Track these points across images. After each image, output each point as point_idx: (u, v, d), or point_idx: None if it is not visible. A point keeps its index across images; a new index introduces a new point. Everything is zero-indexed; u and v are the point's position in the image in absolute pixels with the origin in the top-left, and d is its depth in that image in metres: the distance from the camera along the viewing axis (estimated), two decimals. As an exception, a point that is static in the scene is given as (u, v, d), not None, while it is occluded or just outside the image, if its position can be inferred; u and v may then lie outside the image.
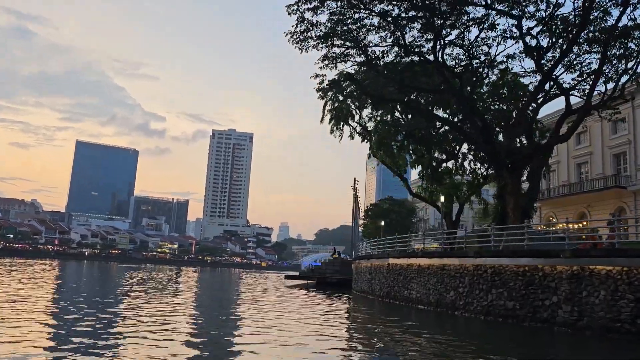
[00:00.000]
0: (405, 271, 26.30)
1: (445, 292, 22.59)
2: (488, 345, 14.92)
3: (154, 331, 14.08)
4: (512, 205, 25.87)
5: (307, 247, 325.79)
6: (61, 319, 16.58)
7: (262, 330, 15.44)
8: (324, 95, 45.77)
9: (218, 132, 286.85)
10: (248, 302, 26.19)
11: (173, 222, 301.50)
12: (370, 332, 16.31)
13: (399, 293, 26.77)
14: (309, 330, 16.01)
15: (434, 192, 43.04)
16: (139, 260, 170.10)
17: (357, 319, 21.10)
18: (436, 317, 21.78)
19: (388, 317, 21.96)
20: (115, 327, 14.87)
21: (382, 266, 29.59)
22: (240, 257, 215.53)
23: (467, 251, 21.70)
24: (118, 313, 18.57)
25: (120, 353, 11.00)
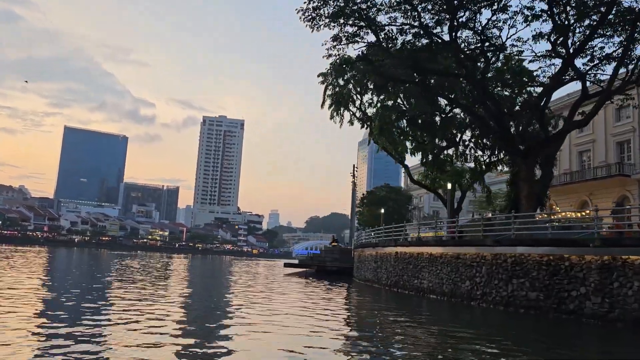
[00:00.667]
0: (416, 260, 25.51)
1: (460, 282, 21.83)
2: (511, 337, 14.17)
3: (147, 320, 13.53)
4: (526, 192, 25.12)
5: (297, 235, 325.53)
6: (50, 307, 15.91)
7: (283, 324, 14.56)
8: (324, 79, 44.84)
9: (209, 119, 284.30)
10: (251, 292, 25.28)
11: (163, 209, 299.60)
12: (384, 324, 15.48)
13: (409, 282, 26.00)
14: (320, 321, 15.20)
15: (436, 179, 42.34)
16: (130, 247, 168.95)
17: (368, 308, 20.27)
18: (450, 308, 21.03)
19: (401, 308, 21.16)
20: (104, 318, 14.00)
21: (389, 254, 28.79)
22: (231, 245, 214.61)
23: (485, 240, 20.89)
24: (107, 302, 17.90)
25: (108, 344, 10.34)
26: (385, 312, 18.68)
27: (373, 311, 19.14)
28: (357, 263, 37.21)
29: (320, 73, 44.85)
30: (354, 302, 23.39)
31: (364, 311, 18.95)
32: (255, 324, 13.97)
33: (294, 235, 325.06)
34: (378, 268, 30.69)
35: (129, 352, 9.56)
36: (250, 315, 15.89)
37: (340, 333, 13.83)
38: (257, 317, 15.43)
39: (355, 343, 12.39)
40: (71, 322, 12.59)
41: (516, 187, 25.72)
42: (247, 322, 14.27)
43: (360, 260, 35.92)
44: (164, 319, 14.21)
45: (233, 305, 17.84)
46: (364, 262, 34.64)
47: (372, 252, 32.39)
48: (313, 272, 44.48)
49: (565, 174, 49.86)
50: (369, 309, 20.36)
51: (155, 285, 26.05)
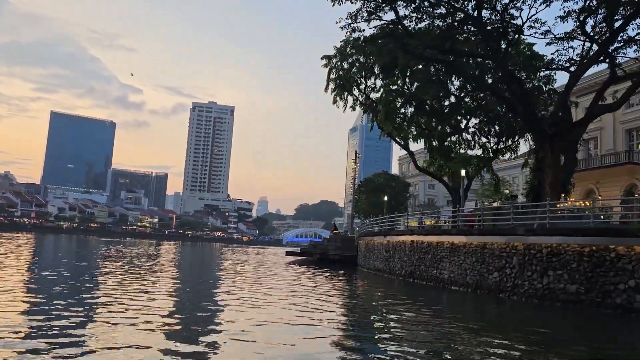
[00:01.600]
0: (435, 249, 24.36)
1: (487, 273, 20.71)
2: (551, 332, 13.04)
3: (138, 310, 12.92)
4: (551, 179, 24.03)
5: (287, 222, 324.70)
6: (34, 296, 15.22)
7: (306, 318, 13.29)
8: (327, 62, 43.45)
9: (199, 105, 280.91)
10: (258, 283, 24.00)
11: (152, 196, 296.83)
12: (415, 319, 14.31)
13: (426, 273, 24.87)
14: (342, 316, 14.01)
15: (443, 166, 41.27)
16: (119, 234, 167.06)
17: (388, 300, 19.04)
18: (476, 300, 19.91)
19: (424, 301, 20.00)
20: (90, 308, 13.26)
21: (403, 243, 27.62)
22: (222, 232, 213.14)
23: (516, 229, 19.74)
24: (94, 292, 16.96)
25: (94, 336, 9.75)
26: (410, 306, 17.49)
27: (395, 303, 17.94)
28: (365, 252, 36.04)
29: (324, 55, 43.52)
30: (372, 294, 22.18)
31: (385, 303, 17.75)
32: (274, 322, 12.67)
33: (284, 223, 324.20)
34: (390, 257, 29.53)
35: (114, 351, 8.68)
36: (266, 312, 14.60)
37: (367, 328, 12.73)
38: (276, 314, 14.10)
39: (381, 339, 11.34)
40: (57, 311, 12.05)
41: (540, 174, 24.64)
42: (264, 320, 12.91)
43: (368, 249, 34.75)
44: (169, 319, 12.90)
45: (243, 303, 16.53)
46: (373, 250, 33.48)
47: (382, 241, 31.21)
48: (314, 260, 43.27)
49: (571, 162, 49.00)
50: (389, 301, 19.14)
51: (149, 275, 24.70)
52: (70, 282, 19.25)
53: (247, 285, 22.36)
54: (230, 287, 20.53)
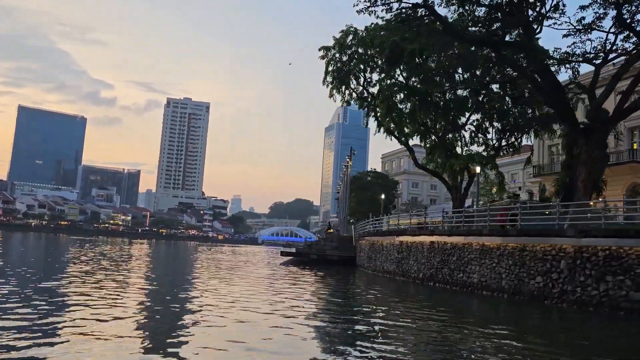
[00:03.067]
0: (461, 251, 22.60)
1: (527, 278, 19.00)
2: (621, 346, 11.37)
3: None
4: (584, 176, 22.50)
5: (262, 220, 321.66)
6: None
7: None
8: (325, 54, 41.50)
9: (173, 101, 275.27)
10: (261, 291, 21.90)
11: (123, 194, 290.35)
12: (461, 333, 12.46)
13: (451, 276, 23.08)
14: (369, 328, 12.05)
15: (445, 163, 39.70)
16: (91, 232, 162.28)
17: (415, 306, 17.15)
18: (515, 307, 18.16)
19: (467, 311, 18.17)
20: (57, 309, 12.67)
21: (421, 244, 25.81)
22: (197, 230, 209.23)
23: (566, 230, 18.08)
24: (62, 292, 16.09)
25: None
26: (449, 317, 15.64)
27: (428, 310, 16.08)
28: (369, 252, 34.15)
29: (322, 47, 41.53)
30: (392, 301, 20.26)
31: (415, 310, 15.87)
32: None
33: (259, 221, 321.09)
34: (404, 259, 27.70)
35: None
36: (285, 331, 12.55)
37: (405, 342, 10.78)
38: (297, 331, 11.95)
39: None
40: (23, 313, 11.44)
41: (571, 172, 23.13)
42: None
43: (374, 250, 32.88)
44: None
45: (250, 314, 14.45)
46: (380, 251, 31.62)
47: (392, 241, 29.37)
48: (309, 260, 41.17)
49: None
50: (416, 306, 17.26)
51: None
52: (30, 284, 17.60)
53: (261, 301, 20.19)
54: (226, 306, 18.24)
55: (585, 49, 27.87)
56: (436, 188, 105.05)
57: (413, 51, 33.70)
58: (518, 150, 42.77)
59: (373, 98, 41.36)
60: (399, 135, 40.83)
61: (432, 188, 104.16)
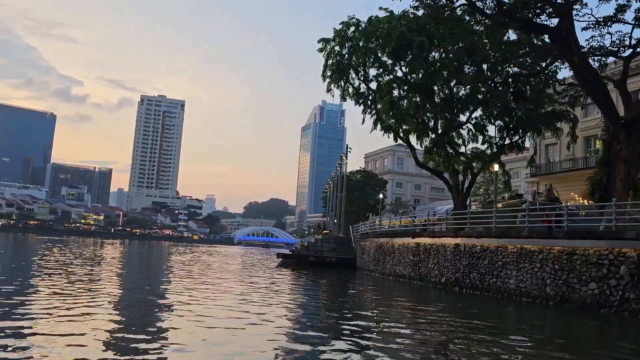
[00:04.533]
0: (494, 254, 20.83)
1: (578, 284, 17.30)
2: None
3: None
4: (623, 174, 21.05)
5: (237, 220, 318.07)
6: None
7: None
8: (324, 47, 39.53)
9: (147, 98, 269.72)
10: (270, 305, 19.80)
11: (94, 192, 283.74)
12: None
13: (481, 281, 21.30)
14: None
15: (449, 161, 38.18)
16: (61, 232, 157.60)
17: (459, 315, 15.25)
18: (569, 316, 16.44)
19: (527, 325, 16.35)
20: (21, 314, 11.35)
21: (443, 246, 24.01)
22: (171, 230, 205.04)
23: (624, 232, 16.45)
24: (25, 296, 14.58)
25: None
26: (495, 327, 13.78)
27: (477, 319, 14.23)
28: (376, 255, 32.24)
29: (321, 39, 39.50)
30: (430, 309, 18.34)
31: (459, 319, 14.02)
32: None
33: (233, 221, 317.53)
34: (421, 262, 25.86)
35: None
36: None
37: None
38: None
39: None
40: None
41: (609, 169, 21.65)
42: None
43: (383, 252, 30.98)
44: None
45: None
46: (390, 254, 29.75)
47: (406, 242, 27.50)
48: (305, 263, 39.09)
49: (568, 160, 47.16)
50: (457, 314, 15.38)
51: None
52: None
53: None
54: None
55: (604, 43, 26.64)
56: (420, 188, 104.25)
57: (422, 43, 32.08)
58: (521, 149, 41.43)
59: (374, 93, 39.57)
60: (401, 132, 39.16)
61: (416, 188, 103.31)
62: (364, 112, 41.53)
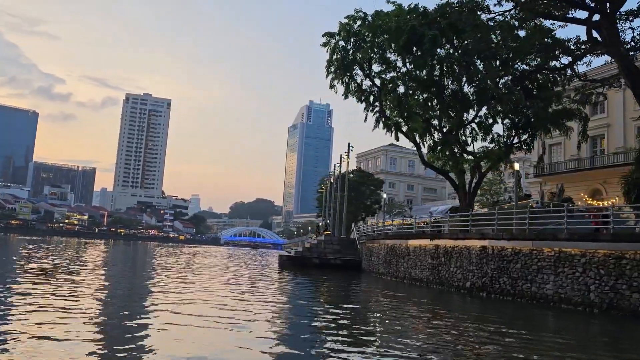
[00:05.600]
0: (527, 258, 19.57)
1: (628, 291, 16.08)
2: None
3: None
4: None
5: (222, 221, 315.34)
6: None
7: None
8: (327, 41, 38.16)
9: (132, 96, 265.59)
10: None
11: (78, 192, 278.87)
12: None
13: (513, 287, 20.02)
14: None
15: (458, 160, 37.06)
16: (44, 232, 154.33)
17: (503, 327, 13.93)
18: (620, 325, 15.22)
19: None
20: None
21: (467, 249, 22.71)
22: (157, 230, 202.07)
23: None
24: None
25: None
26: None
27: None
28: (387, 257, 30.85)
29: (325, 33, 38.11)
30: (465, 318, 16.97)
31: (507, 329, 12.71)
32: None
33: (219, 221, 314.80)
34: (441, 265, 24.55)
35: None
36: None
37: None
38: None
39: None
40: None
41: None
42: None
43: (395, 255, 29.62)
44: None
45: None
46: (404, 256, 28.42)
47: (426, 244, 26.17)
48: (307, 264, 37.59)
49: (573, 160, 46.29)
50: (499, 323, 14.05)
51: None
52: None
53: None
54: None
55: (624, 37, 25.67)
56: (413, 188, 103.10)
57: (434, 37, 30.92)
58: (529, 149, 40.39)
59: (378, 90, 38.27)
60: (406, 130, 37.96)
61: (409, 188, 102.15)
62: (366, 110, 40.19)
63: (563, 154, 48.83)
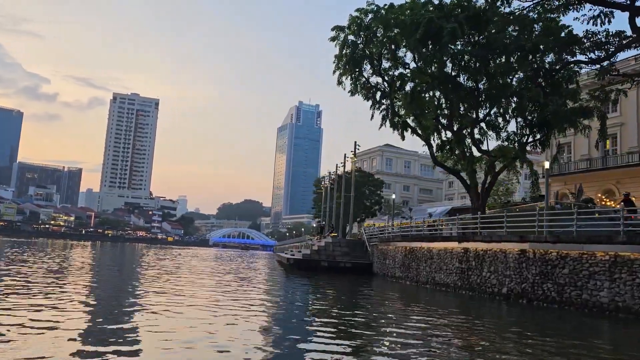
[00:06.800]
0: (577, 262, 18.00)
1: (702, 299, 14.58)
2: None
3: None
4: None
5: (210, 222, 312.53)
6: None
7: None
8: (336, 35, 36.57)
9: (120, 96, 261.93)
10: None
11: (63, 193, 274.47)
12: None
13: (560, 293, 18.42)
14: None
15: (473, 159, 35.67)
16: (30, 233, 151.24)
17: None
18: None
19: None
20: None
21: (502, 252, 21.12)
22: (145, 232, 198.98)
23: None
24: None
25: None
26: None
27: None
28: (405, 260, 29.17)
29: (335, 26, 36.50)
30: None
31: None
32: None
33: (207, 222, 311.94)
34: (471, 270, 22.93)
35: None
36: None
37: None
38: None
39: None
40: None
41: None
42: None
43: (415, 258, 27.97)
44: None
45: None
46: (425, 260, 26.80)
47: (452, 247, 24.55)
48: (315, 268, 35.84)
49: (584, 160, 45.15)
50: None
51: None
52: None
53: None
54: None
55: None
56: (408, 189, 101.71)
57: (454, 30, 29.36)
58: (544, 148, 39.00)
59: (388, 86, 36.79)
60: (419, 127, 36.55)
61: (405, 189, 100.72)
62: (373, 107, 38.70)
63: (573, 153, 47.72)
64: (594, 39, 28.29)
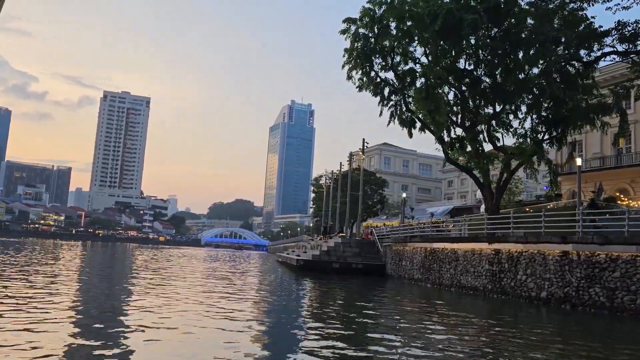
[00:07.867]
0: (630, 265, 16.68)
1: None
2: None
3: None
4: None
5: (202, 222, 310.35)
6: None
7: None
8: (347, 29, 35.20)
9: (110, 94, 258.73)
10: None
11: (52, 192, 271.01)
12: None
13: (611, 299, 17.11)
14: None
15: (488, 156, 34.47)
16: (19, 233, 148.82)
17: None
18: None
19: None
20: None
21: (541, 254, 19.78)
22: (136, 231, 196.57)
23: None
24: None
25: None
26: None
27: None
28: (425, 261, 27.80)
29: (346, 18, 35.10)
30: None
31: None
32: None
33: (198, 222, 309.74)
34: (503, 272, 21.59)
35: None
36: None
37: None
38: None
39: None
40: None
41: None
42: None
43: (438, 260, 26.61)
44: None
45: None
46: (448, 261, 25.44)
47: (481, 248, 23.21)
48: (325, 269, 34.39)
49: (596, 158, 44.12)
50: None
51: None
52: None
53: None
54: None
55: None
56: (407, 188, 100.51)
57: (474, 21, 27.99)
58: (561, 145, 37.81)
59: (400, 81, 35.47)
60: (431, 124, 35.27)
61: (403, 188, 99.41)
62: (381, 104, 37.38)
63: (585, 152, 46.70)
64: (623, 31, 27.17)
